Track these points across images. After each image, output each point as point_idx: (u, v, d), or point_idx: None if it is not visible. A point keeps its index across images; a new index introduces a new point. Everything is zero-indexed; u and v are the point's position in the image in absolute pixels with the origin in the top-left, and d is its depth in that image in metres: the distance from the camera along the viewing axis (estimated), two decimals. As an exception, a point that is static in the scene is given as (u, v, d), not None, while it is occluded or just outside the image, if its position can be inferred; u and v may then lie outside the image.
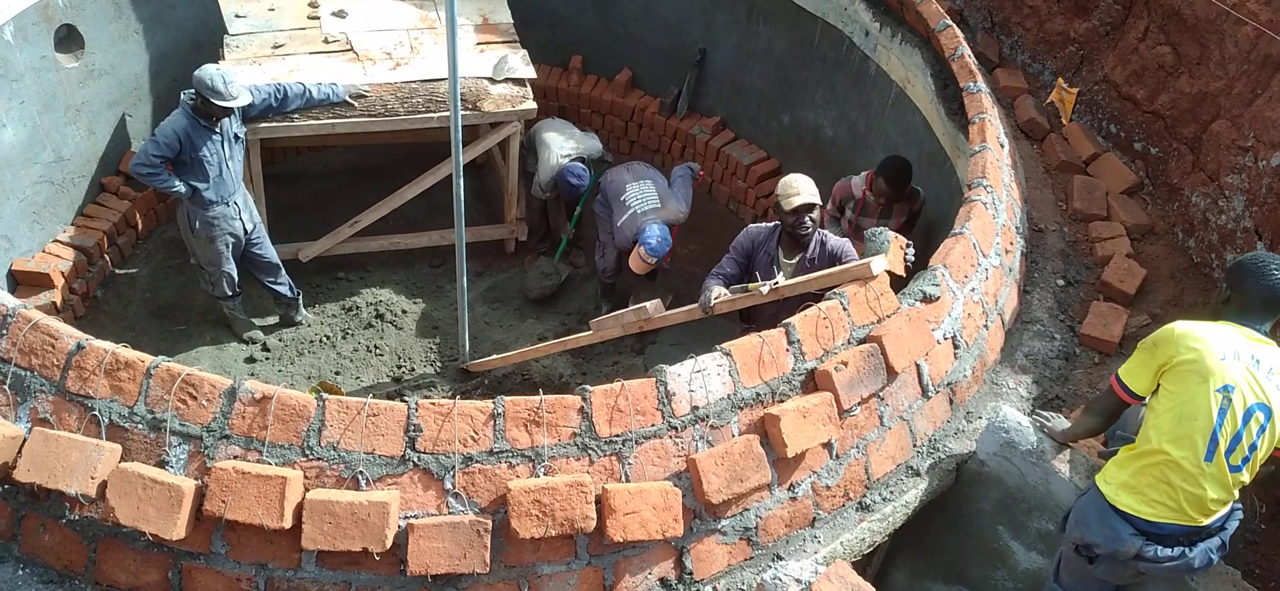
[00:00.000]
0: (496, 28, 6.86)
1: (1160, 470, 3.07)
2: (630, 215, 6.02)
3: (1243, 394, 3.00)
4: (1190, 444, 3.01)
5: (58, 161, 6.11)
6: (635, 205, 6.06)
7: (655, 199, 6.11)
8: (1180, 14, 5.69)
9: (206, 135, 5.35)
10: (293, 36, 6.42)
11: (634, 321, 4.85)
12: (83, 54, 6.15)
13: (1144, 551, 3.10)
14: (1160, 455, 3.06)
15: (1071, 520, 3.31)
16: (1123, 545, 3.11)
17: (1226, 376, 3.00)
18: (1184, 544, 3.12)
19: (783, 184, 4.56)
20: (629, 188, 6.16)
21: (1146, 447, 3.10)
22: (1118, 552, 3.13)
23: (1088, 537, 3.20)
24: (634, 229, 5.94)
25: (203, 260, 5.83)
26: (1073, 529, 3.28)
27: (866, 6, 6.19)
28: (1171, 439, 3.04)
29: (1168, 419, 3.05)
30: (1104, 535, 3.16)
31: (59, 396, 2.96)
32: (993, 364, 4.35)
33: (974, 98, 4.96)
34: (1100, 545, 3.17)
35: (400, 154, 7.27)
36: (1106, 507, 3.17)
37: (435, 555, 2.86)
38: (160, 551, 2.88)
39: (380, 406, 2.97)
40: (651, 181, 6.24)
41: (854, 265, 3.87)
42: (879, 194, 5.29)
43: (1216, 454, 3.01)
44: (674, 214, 6.11)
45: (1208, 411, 2.99)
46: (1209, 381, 3.00)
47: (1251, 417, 3.02)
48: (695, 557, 3.18)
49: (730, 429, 3.26)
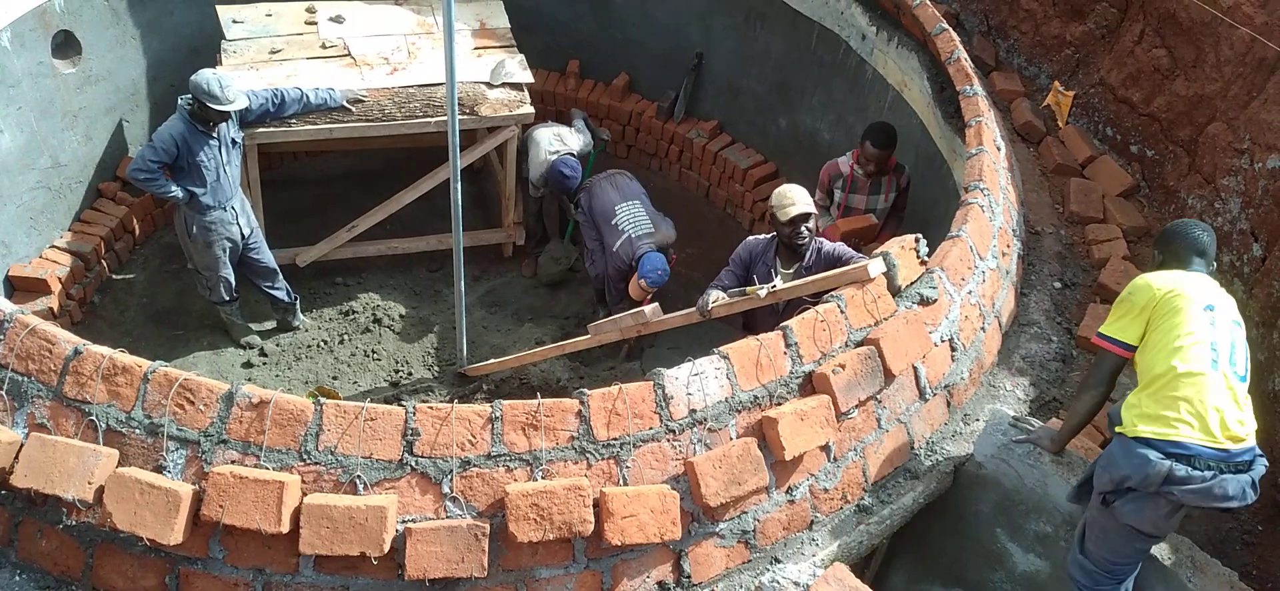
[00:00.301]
0: (494, 33, 6.87)
1: (1173, 387, 3.11)
2: (625, 240, 5.92)
3: (1223, 310, 3.22)
4: (1194, 355, 3.11)
5: (55, 167, 6.11)
6: (629, 229, 5.96)
7: (647, 222, 6.02)
8: (1176, 17, 5.70)
9: (204, 140, 5.36)
10: (290, 42, 6.42)
11: (632, 325, 4.86)
12: (80, 60, 6.15)
13: (1174, 471, 3.08)
14: (1169, 374, 3.12)
15: (1098, 470, 3.29)
16: (1152, 467, 3.09)
17: (1206, 297, 3.22)
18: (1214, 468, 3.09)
19: (777, 195, 4.55)
20: (619, 210, 6.05)
21: (1153, 374, 3.17)
22: (1148, 477, 3.10)
23: (1116, 474, 3.18)
24: (630, 254, 5.87)
25: (200, 265, 5.83)
26: (1101, 476, 3.26)
27: (863, 10, 6.21)
28: (1176, 356, 3.12)
29: (1166, 343, 3.16)
30: (1132, 465, 3.13)
31: (56, 401, 2.96)
32: (990, 366, 4.36)
33: (970, 101, 4.97)
34: (1130, 476, 3.15)
35: (397, 159, 7.28)
36: (1130, 442, 3.17)
37: (433, 559, 2.86)
38: (158, 556, 2.88)
39: (378, 410, 2.97)
40: (639, 201, 6.15)
41: (852, 267, 3.88)
42: (866, 161, 5.29)
43: (1219, 363, 3.12)
44: (665, 237, 6.06)
45: (1202, 324, 3.16)
46: (1194, 303, 3.19)
47: (1234, 331, 3.22)
48: (693, 561, 3.18)
49: (728, 432, 3.26)
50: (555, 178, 6.39)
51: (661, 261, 5.77)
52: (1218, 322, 3.18)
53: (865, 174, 5.38)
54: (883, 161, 5.29)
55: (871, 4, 6.17)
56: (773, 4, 6.85)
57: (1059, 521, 3.58)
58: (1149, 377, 3.19)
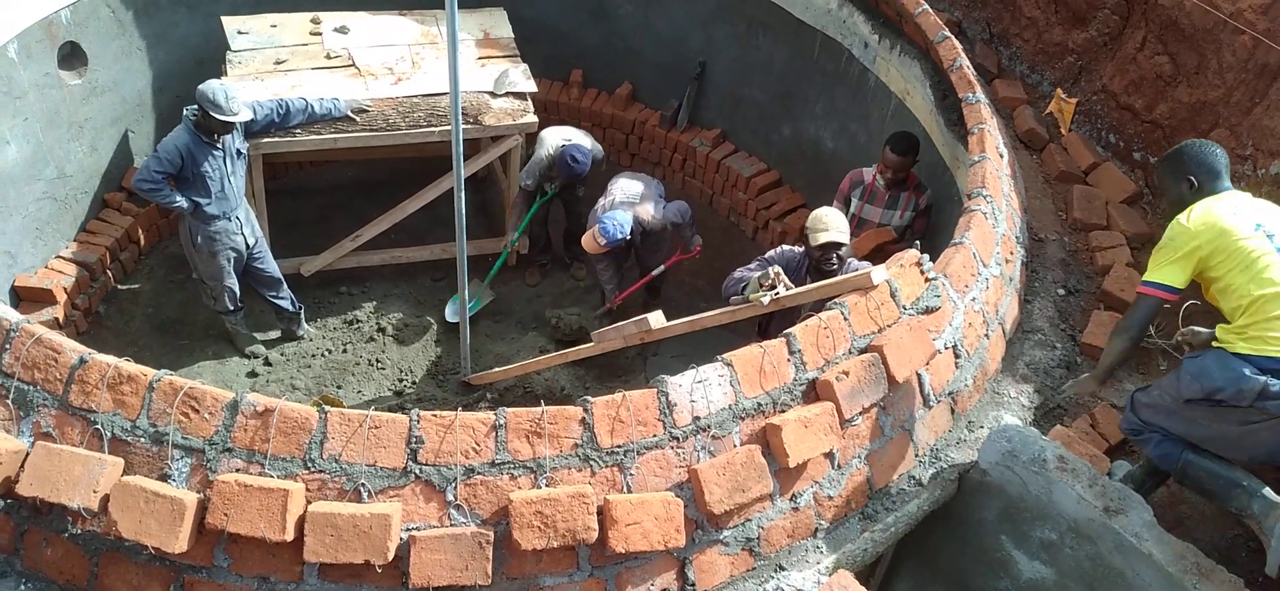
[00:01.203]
0: (497, 42, 6.89)
1: (1261, 311, 3.19)
2: (608, 201, 6.14)
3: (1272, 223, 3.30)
4: (1270, 279, 3.18)
5: (61, 178, 6.14)
6: (617, 194, 6.17)
7: (637, 192, 6.19)
8: (1178, 24, 5.71)
9: (208, 150, 5.38)
10: (295, 52, 6.45)
11: (635, 333, 4.85)
12: (86, 71, 6.19)
13: (1269, 387, 3.16)
14: (1255, 301, 3.19)
15: (1188, 377, 3.36)
16: (1247, 382, 3.18)
17: (1252, 218, 3.30)
18: None
19: (813, 217, 4.61)
20: (619, 181, 6.29)
21: (1240, 307, 3.23)
22: (1243, 391, 3.20)
23: (1208, 385, 3.27)
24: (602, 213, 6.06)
25: (205, 274, 5.85)
26: (1191, 385, 3.34)
27: (865, 19, 6.22)
28: (1254, 283, 3.19)
29: (1238, 276, 3.23)
30: (1226, 378, 3.23)
31: (62, 410, 2.96)
32: (994, 373, 4.35)
33: (973, 108, 4.97)
34: (1223, 388, 3.24)
35: (402, 168, 7.30)
36: (1227, 355, 3.25)
37: (437, 567, 2.86)
38: (162, 565, 2.88)
39: (382, 418, 2.98)
40: (643, 183, 6.31)
41: (855, 275, 3.88)
42: (886, 168, 5.31)
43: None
44: (646, 211, 6.13)
45: (1263, 247, 3.24)
46: (1241, 230, 3.27)
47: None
48: (698, 568, 3.18)
49: (732, 439, 3.26)
50: (563, 164, 6.36)
51: (623, 220, 5.89)
52: (1274, 234, 3.26)
53: (885, 184, 5.39)
54: (901, 170, 5.30)
55: (874, 12, 6.18)
56: (775, 12, 6.87)
57: (1064, 528, 3.57)
58: (1234, 310, 3.26)
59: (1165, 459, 3.68)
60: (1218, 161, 3.46)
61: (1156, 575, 3.33)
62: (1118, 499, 3.45)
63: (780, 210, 7.30)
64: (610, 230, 5.85)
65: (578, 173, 6.36)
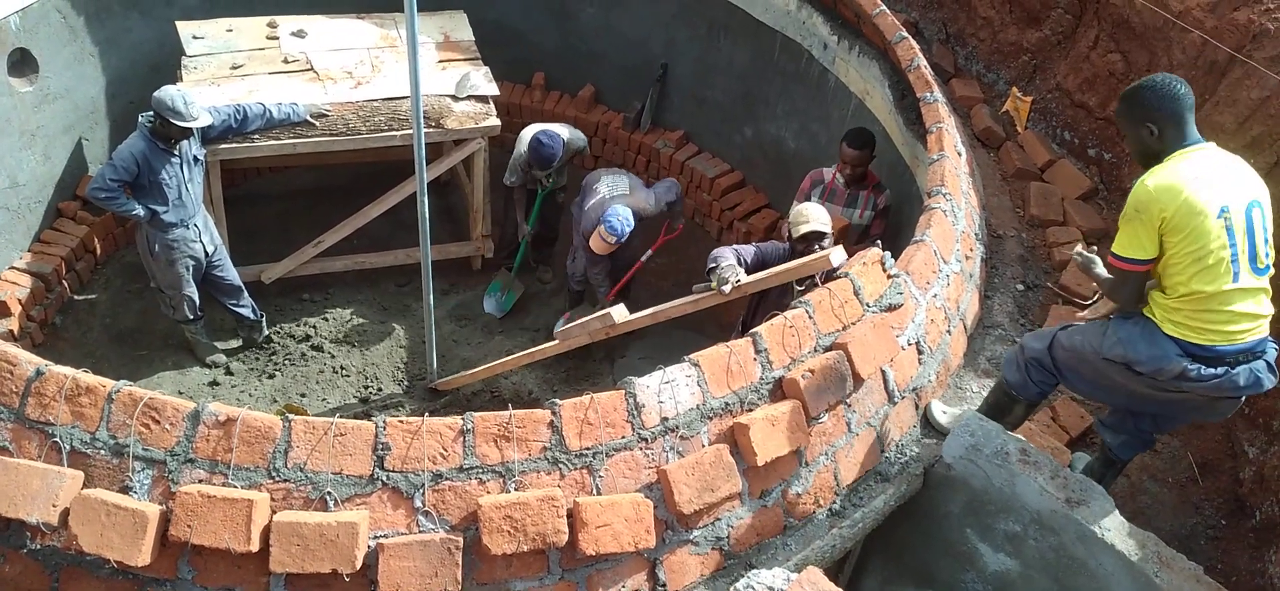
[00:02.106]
0: (458, 45, 6.86)
1: (1201, 305, 3.15)
2: (598, 200, 6.03)
3: (1238, 202, 3.11)
4: (1215, 275, 3.10)
5: (13, 187, 6.01)
6: (605, 191, 6.08)
7: (625, 187, 6.13)
8: (1129, 23, 5.82)
9: (165, 158, 5.30)
10: (251, 57, 6.37)
11: (600, 328, 4.83)
12: (37, 78, 6.07)
13: (1187, 370, 3.17)
14: (1192, 295, 3.15)
15: (1112, 339, 3.34)
16: (1168, 363, 3.18)
17: (1218, 199, 3.09)
18: (1228, 363, 3.18)
19: (796, 211, 4.68)
20: (603, 178, 6.20)
21: (1179, 293, 3.18)
22: (1161, 371, 3.20)
23: (1130, 355, 3.27)
24: (599, 213, 5.93)
25: (163, 283, 5.75)
26: (1114, 348, 3.33)
27: (824, 20, 6.28)
28: (1199, 278, 3.12)
29: (1186, 264, 3.12)
30: (1150, 355, 3.22)
31: (18, 424, 2.90)
32: (956, 368, 4.41)
33: (931, 107, 5.04)
34: (1144, 363, 3.24)
35: (363, 173, 7.24)
36: (1156, 330, 3.23)
37: (406, 574, 2.84)
38: (125, 578, 2.83)
39: (347, 426, 2.95)
40: (626, 176, 6.27)
41: (813, 257, 3.95)
42: (845, 163, 5.34)
43: (1241, 271, 3.12)
44: (640, 202, 6.08)
45: (1219, 240, 3.08)
46: (1206, 214, 3.07)
47: (1252, 216, 3.14)
48: (668, 569, 3.19)
49: (700, 439, 3.27)
50: (533, 146, 6.26)
51: (626, 214, 5.81)
52: (1234, 223, 3.09)
53: (845, 182, 5.44)
54: (859, 164, 5.33)
55: (832, 13, 6.24)
56: (735, 14, 6.91)
57: (1028, 520, 3.62)
58: (1175, 294, 3.20)
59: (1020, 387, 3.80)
60: (1181, 104, 3.19)
61: (1119, 564, 3.40)
62: (1079, 490, 3.51)
63: (744, 210, 7.33)
64: (618, 226, 5.78)
65: (546, 154, 6.22)
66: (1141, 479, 4.60)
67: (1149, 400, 3.51)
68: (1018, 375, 3.82)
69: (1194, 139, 3.22)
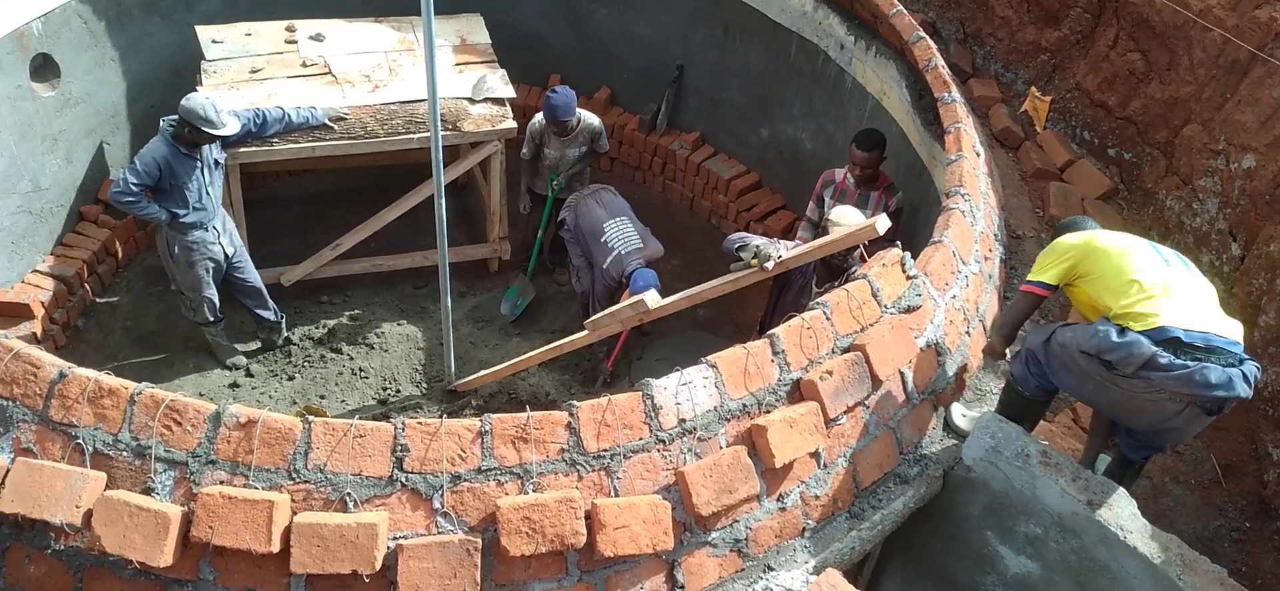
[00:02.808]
0: (475, 48, 6.88)
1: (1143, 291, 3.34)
2: (614, 257, 5.88)
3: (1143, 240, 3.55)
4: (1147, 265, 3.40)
5: (36, 191, 6.07)
6: (618, 246, 5.91)
7: (635, 238, 5.97)
8: (1149, 22, 5.78)
9: (187, 162, 5.33)
10: (270, 61, 6.41)
11: (632, 316, 4.78)
12: (59, 83, 6.12)
13: (1157, 358, 3.22)
14: (1134, 286, 3.36)
15: (1088, 332, 3.43)
16: (1136, 348, 3.24)
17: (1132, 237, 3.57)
18: (1198, 358, 3.21)
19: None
20: (607, 227, 5.99)
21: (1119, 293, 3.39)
22: (1131, 356, 3.25)
23: (1103, 345, 3.33)
24: (619, 271, 5.82)
25: (183, 286, 5.80)
26: (1090, 340, 3.41)
27: (841, 21, 6.26)
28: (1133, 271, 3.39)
29: (1114, 270, 3.44)
30: (1118, 343, 3.29)
31: (42, 425, 2.93)
32: (976, 370, 4.39)
33: (949, 107, 5.01)
34: (1113, 351, 3.30)
35: (381, 176, 7.27)
36: (1126, 329, 3.32)
37: (426, 575, 2.85)
38: (147, 579, 2.85)
39: (367, 427, 2.96)
40: (627, 217, 6.11)
41: (859, 226, 3.94)
42: (855, 165, 5.31)
43: (1172, 263, 3.43)
44: (653, 252, 6.01)
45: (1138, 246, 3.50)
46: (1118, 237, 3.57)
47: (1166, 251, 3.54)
48: (686, 570, 3.18)
49: (718, 441, 3.27)
50: (546, 107, 6.24)
51: (654, 277, 5.72)
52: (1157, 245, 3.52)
53: (856, 183, 5.42)
54: (869, 165, 5.31)
55: (849, 14, 6.22)
56: (752, 16, 6.90)
57: (1049, 522, 3.60)
58: (1116, 298, 3.37)
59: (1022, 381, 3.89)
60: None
61: (1141, 567, 3.37)
62: (1101, 492, 3.49)
63: (761, 212, 7.32)
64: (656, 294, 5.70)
65: (555, 104, 6.19)
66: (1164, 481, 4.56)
67: (1121, 406, 3.53)
68: (1020, 368, 3.87)
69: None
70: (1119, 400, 3.48)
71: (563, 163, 6.56)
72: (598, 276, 6.05)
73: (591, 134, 6.56)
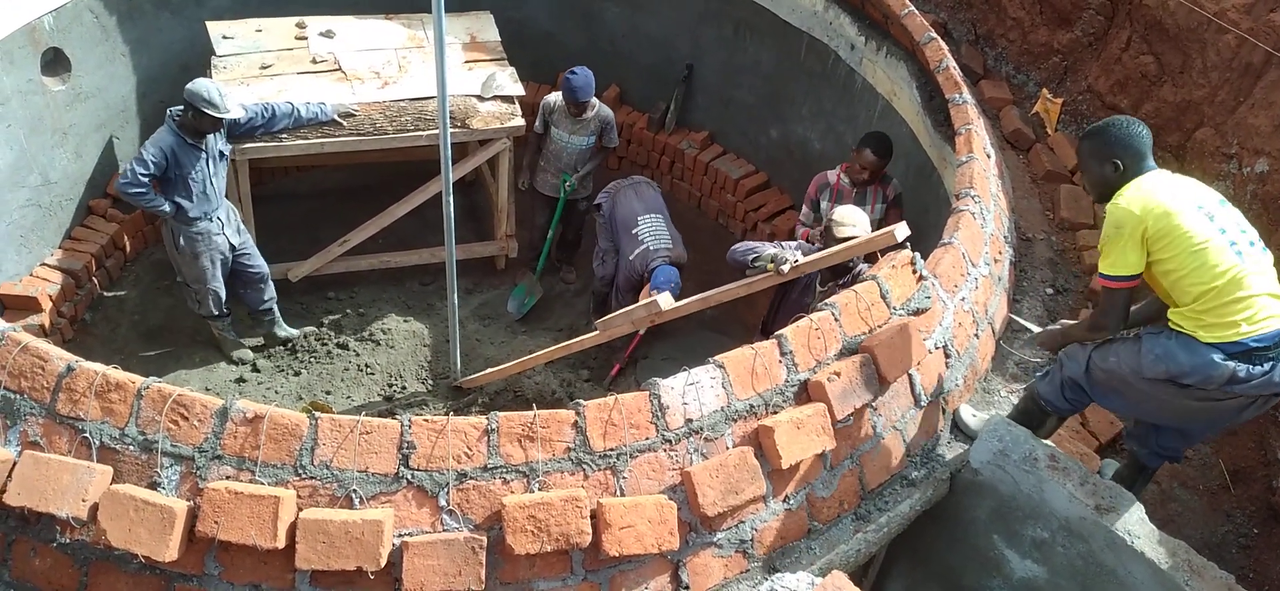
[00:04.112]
0: (484, 46, 6.88)
1: (1219, 297, 3.12)
2: (642, 250, 5.92)
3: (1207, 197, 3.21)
4: (1217, 263, 3.10)
5: (45, 184, 6.09)
6: (648, 240, 5.96)
7: (666, 238, 6.02)
8: (1162, 24, 5.75)
9: (193, 152, 5.34)
10: (280, 57, 6.42)
11: (645, 317, 4.75)
12: (69, 77, 6.14)
13: (1237, 373, 3.12)
14: (1206, 292, 3.12)
15: (1151, 358, 3.29)
16: (1216, 369, 3.13)
17: (1190, 197, 3.19)
18: (1273, 357, 3.13)
19: (838, 213, 4.64)
20: (641, 221, 6.05)
21: (1193, 295, 3.16)
22: (1212, 378, 3.15)
23: (1174, 368, 3.21)
24: (644, 264, 5.87)
25: (189, 278, 5.80)
26: (1154, 365, 3.27)
27: (852, 21, 6.24)
28: (1201, 272, 3.12)
29: (1185, 261, 3.13)
30: (1194, 364, 3.17)
31: (49, 419, 2.94)
32: (984, 373, 4.37)
33: (960, 109, 4.99)
34: (1190, 374, 3.18)
35: (389, 172, 7.27)
36: (1191, 340, 3.19)
37: (430, 573, 2.85)
38: (153, 574, 2.86)
39: (373, 424, 2.96)
40: (661, 216, 6.16)
41: (878, 234, 3.91)
42: (862, 169, 5.29)
43: (1242, 251, 3.14)
44: (680, 255, 6.04)
45: (1205, 231, 3.12)
46: (1183, 211, 3.14)
47: (1232, 211, 3.23)
48: (691, 571, 3.17)
49: (724, 441, 3.26)
50: (564, 86, 6.23)
51: (675, 274, 5.74)
52: (1215, 215, 3.17)
53: (852, 183, 5.39)
54: (878, 170, 5.30)
55: (860, 14, 6.20)
56: (762, 15, 6.89)
57: (1056, 527, 3.58)
58: (1188, 299, 3.17)
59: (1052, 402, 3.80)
60: (1144, 143, 3.31)
61: (1149, 572, 3.35)
62: (1109, 497, 3.47)
63: (768, 212, 7.31)
64: (676, 293, 5.61)
65: (574, 84, 6.19)
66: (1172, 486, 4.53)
67: (1197, 414, 3.42)
68: (1052, 390, 3.77)
69: (1151, 166, 3.33)
70: (1189, 412, 3.40)
71: (568, 150, 6.53)
72: (622, 266, 6.07)
73: (602, 124, 6.55)
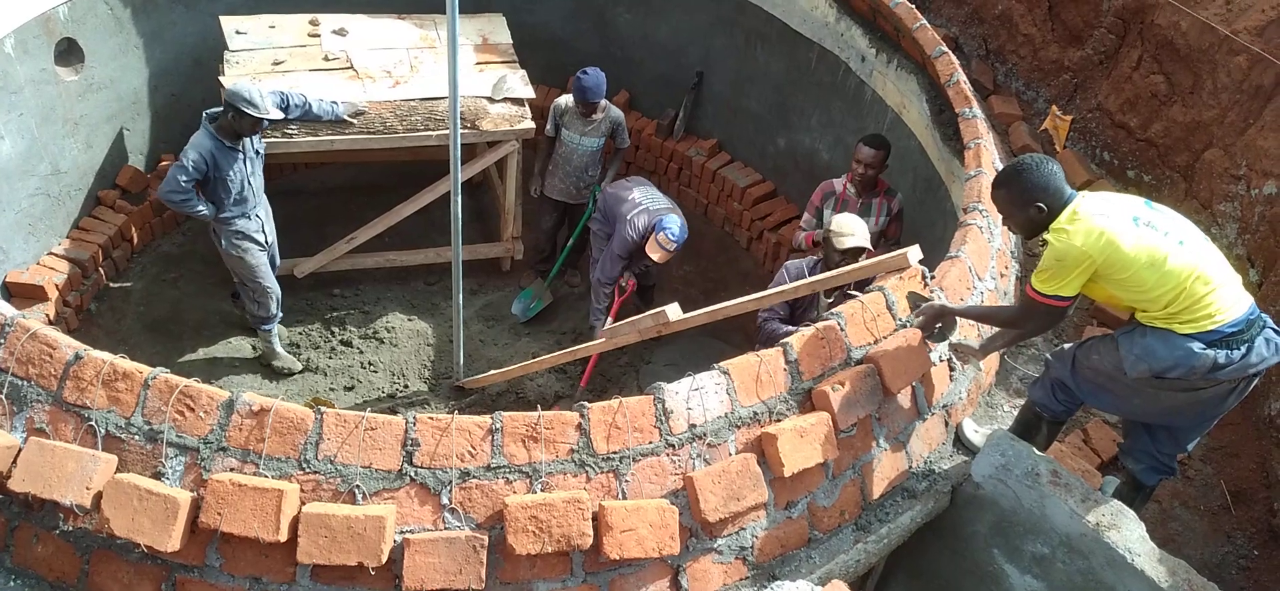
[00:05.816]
0: (496, 48, 6.90)
1: (1189, 295, 3.15)
2: (641, 210, 5.99)
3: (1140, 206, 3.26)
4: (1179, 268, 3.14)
5: (55, 174, 6.11)
6: (645, 203, 6.04)
7: (664, 199, 6.14)
8: (1173, 44, 5.75)
9: (231, 154, 5.32)
10: (293, 54, 6.44)
11: (651, 326, 4.74)
12: (82, 67, 6.17)
13: (1218, 359, 3.15)
14: (1178, 295, 3.16)
15: (1132, 357, 3.31)
16: (1198, 359, 3.16)
17: (1126, 214, 3.22)
18: (1247, 338, 3.17)
19: (837, 221, 4.63)
20: (634, 192, 6.15)
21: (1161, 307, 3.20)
22: (1195, 368, 3.18)
23: (1156, 365, 3.24)
24: (646, 222, 5.93)
25: (244, 278, 5.76)
26: (1136, 364, 3.30)
27: (863, 32, 6.25)
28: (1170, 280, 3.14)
29: (1148, 281, 3.17)
30: (1176, 357, 3.20)
31: (55, 406, 2.95)
32: (988, 386, 4.37)
33: (969, 123, 5.00)
34: (1174, 368, 3.21)
35: (397, 172, 7.29)
36: (1169, 334, 3.21)
37: (431, 570, 2.85)
38: (154, 563, 2.86)
39: (378, 420, 2.97)
40: (656, 191, 6.27)
41: (890, 256, 3.91)
42: (860, 163, 5.30)
43: (1185, 242, 3.18)
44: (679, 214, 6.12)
45: (1151, 238, 3.16)
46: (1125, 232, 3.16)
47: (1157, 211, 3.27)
48: (691, 576, 3.18)
49: (727, 447, 3.26)
50: (576, 87, 6.26)
51: (682, 223, 5.83)
52: (1153, 221, 3.21)
53: (857, 191, 5.40)
54: (873, 166, 5.29)
55: (871, 26, 6.21)
56: (773, 25, 6.90)
57: (1057, 543, 3.58)
58: (1160, 306, 3.20)
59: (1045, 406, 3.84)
60: (1059, 177, 3.31)
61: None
62: (1110, 514, 3.46)
63: (775, 221, 7.31)
64: (678, 233, 5.80)
65: (585, 84, 6.21)
66: (1173, 506, 4.53)
67: (1182, 407, 3.45)
68: (1044, 394, 3.81)
69: (1071, 194, 3.32)
70: (1175, 406, 3.43)
71: (579, 152, 6.54)
72: (618, 234, 6.07)
73: (613, 125, 6.57)
